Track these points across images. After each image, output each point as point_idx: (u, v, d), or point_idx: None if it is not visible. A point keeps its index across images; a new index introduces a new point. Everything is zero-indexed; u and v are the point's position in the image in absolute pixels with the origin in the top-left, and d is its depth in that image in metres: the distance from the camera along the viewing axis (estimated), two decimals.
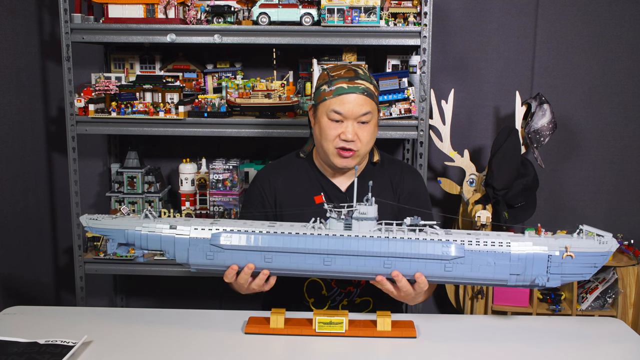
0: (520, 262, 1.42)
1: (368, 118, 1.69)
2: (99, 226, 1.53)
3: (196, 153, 2.72)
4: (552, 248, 1.42)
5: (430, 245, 1.42)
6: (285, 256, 1.45)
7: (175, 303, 2.85)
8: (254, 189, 1.86)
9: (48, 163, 2.89)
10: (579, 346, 1.47)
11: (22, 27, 2.64)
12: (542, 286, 1.44)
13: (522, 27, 2.81)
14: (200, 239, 1.47)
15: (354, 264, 1.44)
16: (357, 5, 2.30)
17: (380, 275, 1.45)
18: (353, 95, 1.67)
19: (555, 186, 2.90)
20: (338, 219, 1.47)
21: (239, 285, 1.54)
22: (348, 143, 1.69)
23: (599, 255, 1.44)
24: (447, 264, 1.42)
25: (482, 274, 1.43)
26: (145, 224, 1.50)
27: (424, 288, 1.47)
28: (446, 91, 2.64)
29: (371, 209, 1.45)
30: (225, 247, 1.46)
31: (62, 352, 1.35)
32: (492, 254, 1.42)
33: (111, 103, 2.45)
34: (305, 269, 1.46)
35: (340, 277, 1.48)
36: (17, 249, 2.62)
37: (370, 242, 1.43)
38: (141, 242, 1.50)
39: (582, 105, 2.85)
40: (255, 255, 1.46)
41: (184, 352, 1.41)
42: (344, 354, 1.42)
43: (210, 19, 2.45)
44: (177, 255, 1.49)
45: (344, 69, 1.72)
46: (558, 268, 1.42)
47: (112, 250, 1.54)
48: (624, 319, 2.58)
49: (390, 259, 1.43)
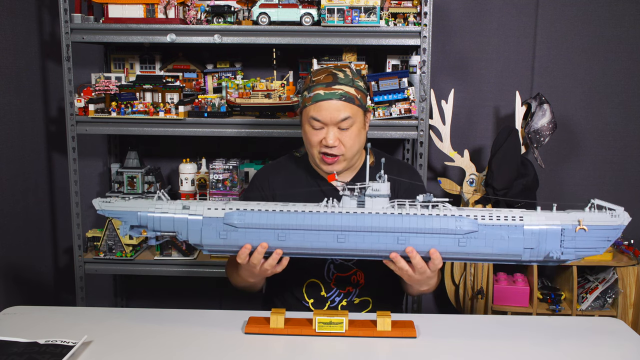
0: (534, 236, 1.42)
1: (348, 123, 1.67)
2: (111, 208, 1.52)
3: (196, 153, 2.72)
4: (564, 222, 1.43)
5: (443, 220, 1.42)
6: (299, 234, 1.45)
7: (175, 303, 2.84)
8: (252, 189, 1.86)
9: (48, 163, 2.89)
10: (579, 346, 1.47)
11: (22, 27, 2.64)
12: (556, 260, 1.43)
13: (522, 27, 2.81)
14: (214, 219, 1.47)
15: (367, 240, 1.44)
16: (357, 5, 2.30)
17: (394, 253, 1.45)
18: (330, 101, 1.66)
19: (555, 186, 2.90)
20: (351, 197, 1.46)
21: (251, 267, 1.52)
22: (330, 149, 1.68)
23: (611, 229, 1.44)
24: (461, 238, 1.42)
25: (496, 249, 1.42)
26: (158, 206, 1.50)
27: (439, 265, 1.47)
28: (446, 91, 2.64)
29: (384, 186, 1.45)
30: (238, 226, 1.46)
31: (62, 352, 1.35)
32: (505, 227, 1.42)
33: (111, 103, 2.45)
34: (319, 246, 1.45)
35: (354, 255, 1.47)
36: (17, 249, 2.62)
37: (384, 218, 1.43)
38: (154, 224, 1.50)
39: (582, 105, 2.85)
40: (269, 233, 1.46)
41: (184, 352, 1.41)
42: (344, 354, 1.42)
43: (210, 19, 2.45)
44: (190, 236, 1.49)
45: (324, 74, 1.70)
46: (572, 242, 1.42)
47: (124, 232, 1.53)
48: (624, 319, 2.58)
49: (404, 235, 1.43)
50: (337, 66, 1.76)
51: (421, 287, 1.66)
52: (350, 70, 1.73)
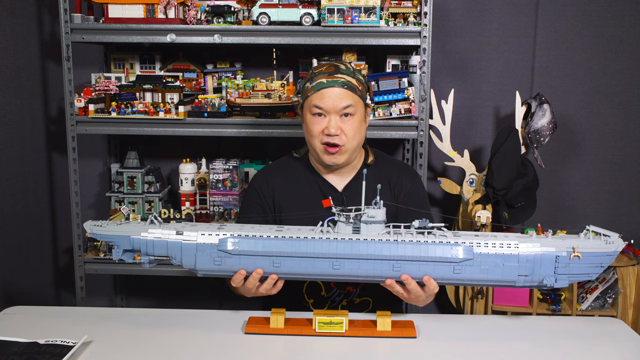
0: (529, 264, 1.42)
1: (350, 111, 1.69)
2: (103, 233, 1.51)
3: (196, 153, 2.72)
4: (559, 249, 1.43)
5: (439, 248, 1.43)
6: (294, 261, 1.45)
7: (175, 303, 2.85)
8: (251, 191, 1.86)
9: (48, 163, 2.89)
10: (579, 346, 1.47)
11: (22, 27, 2.64)
12: (550, 287, 1.45)
13: (522, 27, 2.81)
14: (208, 245, 1.46)
15: (363, 267, 1.44)
16: (357, 5, 2.30)
17: (389, 279, 1.46)
18: (333, 89, 1.68)
19: (555, 186, 2.90)
20: (347, 223, 1.46)
21: (246, 290, 1.53)
22: (332, 137, 1.69)
23: (605, 255, 1.46)
24: (456, 266, 1.43)
25: (490, 276, 1.43)
26: (151, 230, 1.49)
27: (434, 291, 1.48)
28: (446, 91, 2.64)
29: (380, 212, 1.45)
30: (233, 253, 1.45)
31: (62, 352, 1.35)
32: (500, 256, 1.42)
33: (111, 103, 2.45)
34: (314, 273, 1.46)
35: (349, 280, 1.48)
36: (17, 249, 2.62)
37: (380, 245, 1.43)
38: (147, 248, 1.49)
39: (582, 105, 2.85)
40: (264, 260, 1.45)
41: (184, 352, 1.41)
42: (344, 354, 1.42)
43: (210, 19, 2.44)
44: (184, 260, 1.48)
45: (325, 65, 1.73)
46: (565, 268, 1.43)
47: (117, 256, 1.51)
48: (624, 319, 2.57)
49: (399, 262, 1.43)
50: (338, 60, 1.78)
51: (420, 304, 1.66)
52: (350, 65, 1.77)
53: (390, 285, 1.47)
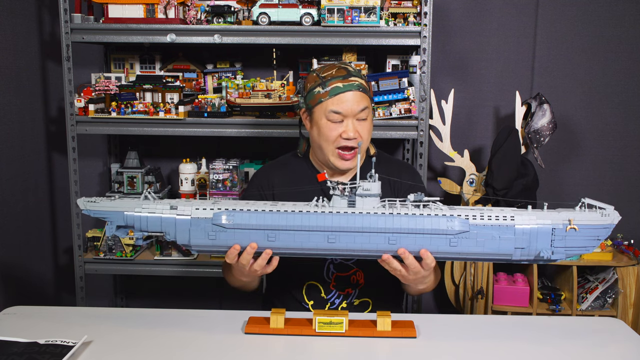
0: (525, 236, 1.42)
1: (366, 114, 1.70)
2: (96, 208, 1.49)
3: (196, 153, 2.72)
4: (555, 221, 1.42)
5: (434, 220, 1.41)
6: (288, 234, 1.43)
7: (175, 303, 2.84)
8: (252, 188, 1.86)
9: (48, 163, 2.89)
10: (579, 346, 1.47)
11: (22, 27, 2.64)
12: (546, 259, 1.43)
13: (522, 27, 2.81)
14: (202, 219, 1.45)
15: (358, 241, 1.43)
16: (357, 5, 2.30)
17: (386, 254, 1.45)
18: (350, 93, 1.67)
19: (555, 186, 2.90)
20: (342, 196, 1.45)
21: (240, 267, 1.51)
22: (350, 141, 1.68)
23: (602, 228, 1.45)
24: (452, 238, 1.41)
25: (487, 249, 1.42)
26: (145, 205, 1.47)
27: (432, 265, 1.46)
28: (446, 91, 2.64)
29: (375, 185, 1.44)
30: (227, 226, 1.44)
31: (62, 352, 1.35)
32: (496, 227, 1.42)
33: (111, 103, 2.45)
34: (309, 247, 1.44)
35: (344, 255, 1.47)
36: (17, 249, 2.62)
37: (375, 218, 1.42)
38: (141, 224, 1.47)
39: (582, 105, 2.85)
40: (259, 234, 1.44)
41: (184, 352, 1.41)
42: (344, 354, 1.42)
43: (210, 19, 2.45)
44: (178, 236, 1.47)
45: (334, 68, 1.71)
46: (562, 241, 1.42)
47: (110, 232, 1.49)
48: (624, 319, 2.57)
49: (394, 235, 1.42)
50: (339, 62, 1.77)
51: (418, 286, 1.65)
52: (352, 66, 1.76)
53: (387, 260, 1.45)
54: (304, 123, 1.80)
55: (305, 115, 1.78)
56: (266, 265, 1.51)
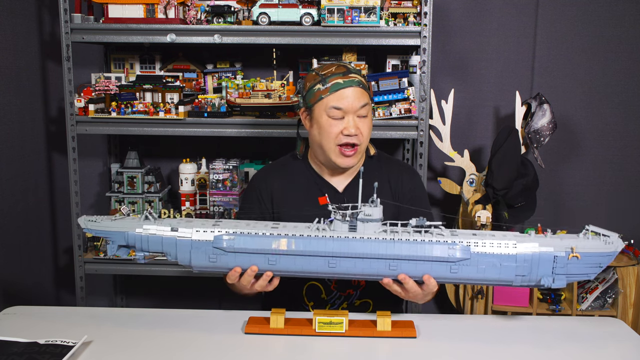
0: (526, 263, 1.41)
1: (366, 110, 1.70)
2: (97, 228, 1.50)
3: (196, 153, 2.72)
4: (557, 249, 1.42)
5: (436, 247, 1.42)
6: (289, 259, 1.44)
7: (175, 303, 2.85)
8: (251, 190, 1.86)
9: (48, 163, 2.89)
10: (579, 346, 1.47)
11: (22, 27, 2.64)
12: (547, 287, 1.44)
13: (522, 27, 2.81)
14: (203, 242, 1.46)
15: (359, 266, 1.43)
16: (357, 5, 2.30)
17: (387, 278, 1.45)
18: (350, 89, 1.68)
19: (555, 186, 2.90)
20: (343, 221, 1.45)
21: (241, 286, 1.53)
22: (351, 138, 1.68)
23: (604, 256, 1.45)
24: (453, 265, 1.42)
25: (487, 275, 1.42)
26: (146, 226, 1.48)
27: (433, 289, 1.47)
28: (446, 91, 2.64)
29: (376, 210, 1.44)
30: (228, 250, 1.45)
31: (62, 352, 1.35)
32: (498, 255, 1.41)
33: (111, 103, 2.45)
34: (310, 270, 1.45)
35: (345, 278, 1.48)
36: (17, 249, 2.62)
37: (376, 244, 1.42)
38: (142, 244, 1.48)
39: (582, 105, 2.85)
40: (259, 257, 1.45)
41: (184, 352, 1.41)
42: (344, 354, 1.42)
43: (210, 19, 2.44)
44: (179, 257, 1.48)
45: (333, 66, 1.72)
46: (563, 268, 1.42)
47: (112, 252, 1.51)
48: (624, 319, 2.57)
49: (395, 261, 1.42)
50: (341, 61, 1.78)
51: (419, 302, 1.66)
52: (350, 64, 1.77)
53: (388, 284, 1.46)
54: (304, 123, 1.80)
55: (304, 115, 1.77)
56: (267, 285, 1.51)
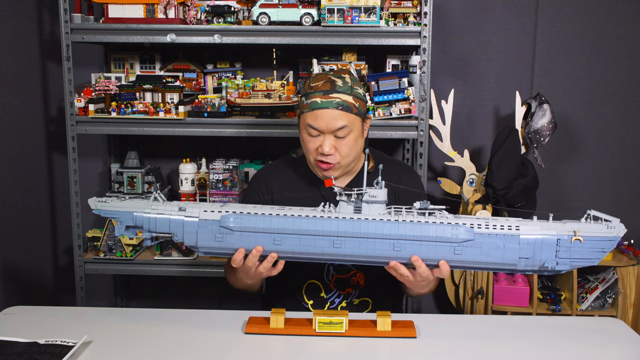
0: (529, 246, 1.42)
1: (345, 132, 1.65)
2: (107, 208, 1.52)
3: (196, 153, 2.72)
4: (560, 232, 1.43)
5: (439, 228, 1.42)
6: (294, 238, 1.45)
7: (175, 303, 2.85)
8: (250, 190, 1.86)
9: (48, 163, 2.89)
10: (579, 346, 1.47)
11: (22, 27, 2.64)
12: (551, 270, 1.44)
13: (522, 27, 2.81)
14: (210, 221, 1.47)
15: (363, 246, 1.44)
16: (357, 5, 2.30)
17: (393, 261, 1.45)
18: (327, 110, 1.63)
19: (555, 186, 2.90)
20: (348, 202, 1.47)
21: (246, 269, 1.52)
22: (326, 157, 1.67)
23: (607, 240, 1.45)
24: (457, 246, 1.42)
25: (491, 258, 1.43)
26: (154, 207, 1.50)
27: (445, 275, 1.47)
28: (446, 91, 2.64)
29: (381, 192, 1.46)
30: (234, 229, 1.46)
31: (62, 352, 1.35)
32: (501, 237, 1.42)
33: (111, 103, 2.45)
34: (315, 251, 1.46)
35: (349, 260, 1.48)
36: (17, 249, 2.62)
37: (380, 224, 1.43)
38: (149, 225, 1.50)
39: (582, 105, 2.85)
40: (265, 237, 1.46)
41: (184, 352, 1.41)
42: (344, 354, 1.42)
43: (210, 19, 2.44)
44: (186, 237, 1.49)
45: (322, 80, 1.67)
46: (567, 252, 1.43)
47: (119, 232, 1.52)
48: (624, 319, 2.58)
49: (399, 242, 1.43)
50: (337, 72, 1.75)
51: (421, 290, 1.66)
52: (350, 77, 1.70)
53: (395, 267, 1.46)
54: None
55: (298, 119, 1.78)
56: (272, 268, 1.52)
